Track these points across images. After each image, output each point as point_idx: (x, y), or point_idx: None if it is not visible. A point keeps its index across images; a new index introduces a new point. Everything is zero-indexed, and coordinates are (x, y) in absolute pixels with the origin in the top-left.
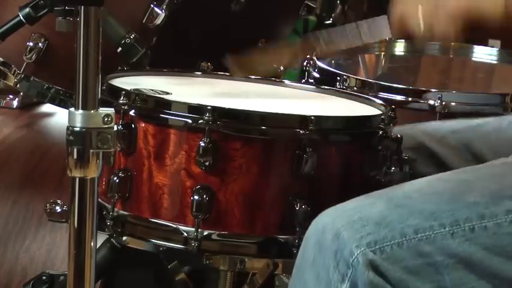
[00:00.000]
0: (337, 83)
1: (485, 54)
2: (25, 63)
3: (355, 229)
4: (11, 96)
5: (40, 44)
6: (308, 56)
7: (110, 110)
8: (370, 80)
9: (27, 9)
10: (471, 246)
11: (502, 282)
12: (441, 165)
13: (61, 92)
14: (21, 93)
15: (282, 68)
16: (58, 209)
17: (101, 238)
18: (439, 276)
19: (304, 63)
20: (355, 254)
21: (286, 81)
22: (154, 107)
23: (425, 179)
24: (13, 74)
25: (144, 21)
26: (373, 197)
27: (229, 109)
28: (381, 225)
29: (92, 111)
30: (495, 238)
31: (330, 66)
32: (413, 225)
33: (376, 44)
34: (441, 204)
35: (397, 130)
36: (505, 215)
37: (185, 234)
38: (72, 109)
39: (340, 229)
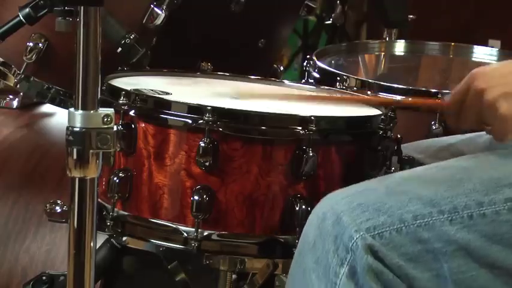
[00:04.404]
0: (337, 83)
1: (485, 54)
2: (25, 63)
3: (355, 214)
4: (11, 96)
5: (40, 44)
6: (308, 56)
7: (110, 110)
8: (370, 80)
9: (27, 9)
10: (470, 233)
11: (502, 272)
12: None
13: (61, 92)
14: (21, 93)
15: (281, 67)
16: (58, 209)
17: (101, 238)
18: (437, 264)
19: (304, 63)
20: (354, 239)
21: (286, 81)
22: (154, 107)
23: (425, 167)
24: (13, 74)
25: (144, 21)
26: (373, 183)
27: (229, 109)
28: (380, 211)
29: (92, 111)
30: (494, 226)
31: (329, 66)
32: (412, 211)
33: (376, 44)
34: (440, 191)
35: None
36: (504, 203)
37: (185, 234)
38: (71, 109)
39: (340, 214)
